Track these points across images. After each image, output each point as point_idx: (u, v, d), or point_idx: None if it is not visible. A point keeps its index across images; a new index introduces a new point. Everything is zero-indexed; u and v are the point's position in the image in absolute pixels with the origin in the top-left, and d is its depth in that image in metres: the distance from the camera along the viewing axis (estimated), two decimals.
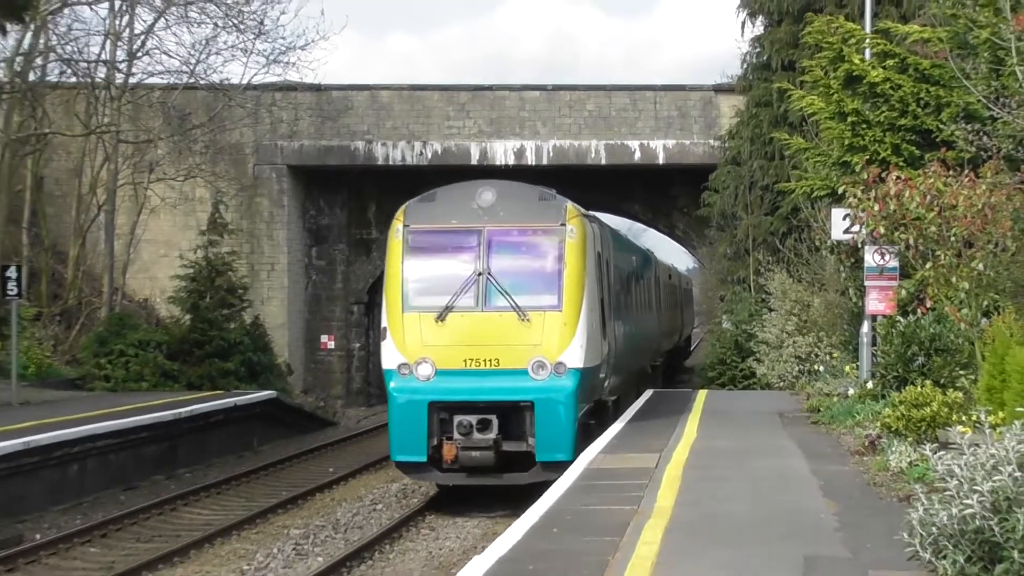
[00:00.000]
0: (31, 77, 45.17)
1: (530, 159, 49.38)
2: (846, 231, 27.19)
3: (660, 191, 54.41)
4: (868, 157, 28.90)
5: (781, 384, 37.47)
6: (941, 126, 28.60)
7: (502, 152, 50.24)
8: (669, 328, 53.51)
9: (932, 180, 23.60)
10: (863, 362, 27.45)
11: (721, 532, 13.94)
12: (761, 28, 50.42)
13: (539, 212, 24.94)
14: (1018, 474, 11.24)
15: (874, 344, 26.56)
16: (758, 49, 50.27)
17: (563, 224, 24.41)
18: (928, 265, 23.43)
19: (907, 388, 20.87)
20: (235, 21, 47.74)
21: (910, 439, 18.60)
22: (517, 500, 22.17)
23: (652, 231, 61.46)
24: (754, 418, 27.33)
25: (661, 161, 51.22)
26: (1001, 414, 15.81)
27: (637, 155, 51.13)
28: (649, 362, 42.88)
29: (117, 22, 47.68)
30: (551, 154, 50.41)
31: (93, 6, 47.45)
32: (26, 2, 33.53)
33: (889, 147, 29.58)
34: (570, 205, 25.18)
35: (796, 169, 37.98)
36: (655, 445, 22.05)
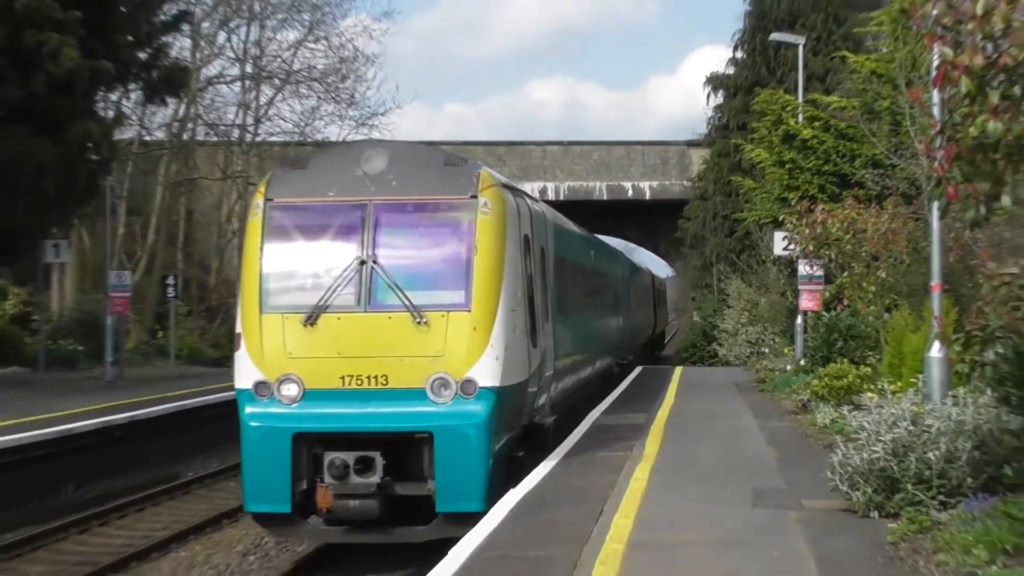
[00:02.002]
0: (184, 137, 45.61)
1: (551, 196, 49.27)
2: (784, 249, 27.16)
3: (647, 219, 54.43)
4: (800, 194, 28.93)
5: (737, 362, 37.39)
6: (855, 171, 28.59)
7: (529, 191, 49.97)
8: (641, 325, 44.14)
9: (848, 211, 23.58)
10: (797, 346, 27.38)
11: (692, 471, 13.93)
12: (721, 99, 50.57)
13: (443, 181, 14.46)
14: (912, 427, 11.26)
15: (805, 332, 26.51)
16: (719, 114, 50.38)
17: (474, 196, 14.09)
18: (845, 274, 23.42)
19: (830, 365, 20.85)
20: (333, 95, 48.01)
21: (832, 402, 18.57)
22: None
23: (641, 248, 61.46)
24: (717, 388, 27.18)
25: (648, 197, 51.31)
26: (899, 384, 15.77)
27: (630, 192, 51.22)
28: (617, 360, 31.70)
29: (247, 96, 48.10)
30: (566, 192, 50.48)
31: (230, 85, 47.88)
32: (182, 83, 33.76)
33: (816, 187, 29.57)
34: (485, 172, 14.66)
35: (747, 203, 37.87)
36: (643, 407, 21.83)
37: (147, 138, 43.71)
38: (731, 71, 49.97)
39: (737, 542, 10.14)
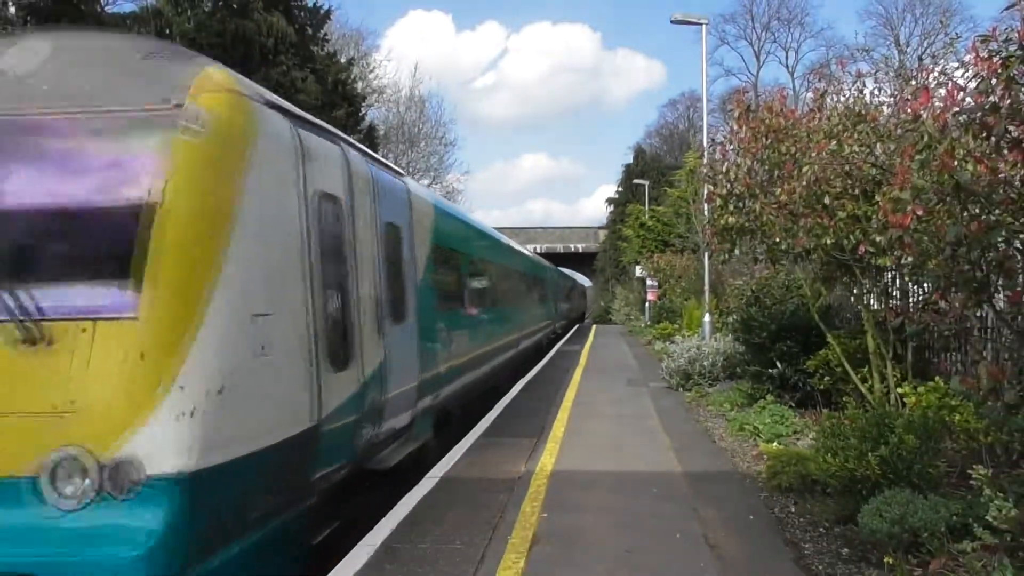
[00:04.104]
0: None
1: (538, 250, 48.39)
2: (640, 273, 27.69)
3: (582, 261, 54.54)
4: (648, 249, 29.45)
5: (620, 323, 37.28)
6: (671, 239, 29.07)
7: (527, 249, 49.30)
8: (569, 311, 35.51)
9: (670, 257, 24.02)
10: (646, 315, 27.46)
11: (600, 372, 13.94)
12: (612, 208, 51.09)
13: (133, 83, 1.76)
14: (696, 351, 11.49)
15: (649, 309, 26.84)
16: (612, 216, 50.78)
17: (178, 104, 1.72)
18: (667, 284, 23.91)
19: (660, 323, 21.21)
20: None
21: (662, 340, 18.63)
22: None
23: (578, 273, 60.41)
24: (612, 335, 27.14)
25: (581, 251, 51.69)
26: (690, 332, 16.11)
27: (573, 249, 51.64)
28: (548, 335, 21.21)
29: None
30: (544, 249, 50.44)
31: None
32: None
33: (654, 246, 30.06)
34: (212, 69, 1.96)
35: (624, 254, 38.26)
36: (579, 343, 21.92)
37: None
38: (616, 196, 50.74)
39: (620, 399, 10.27)
